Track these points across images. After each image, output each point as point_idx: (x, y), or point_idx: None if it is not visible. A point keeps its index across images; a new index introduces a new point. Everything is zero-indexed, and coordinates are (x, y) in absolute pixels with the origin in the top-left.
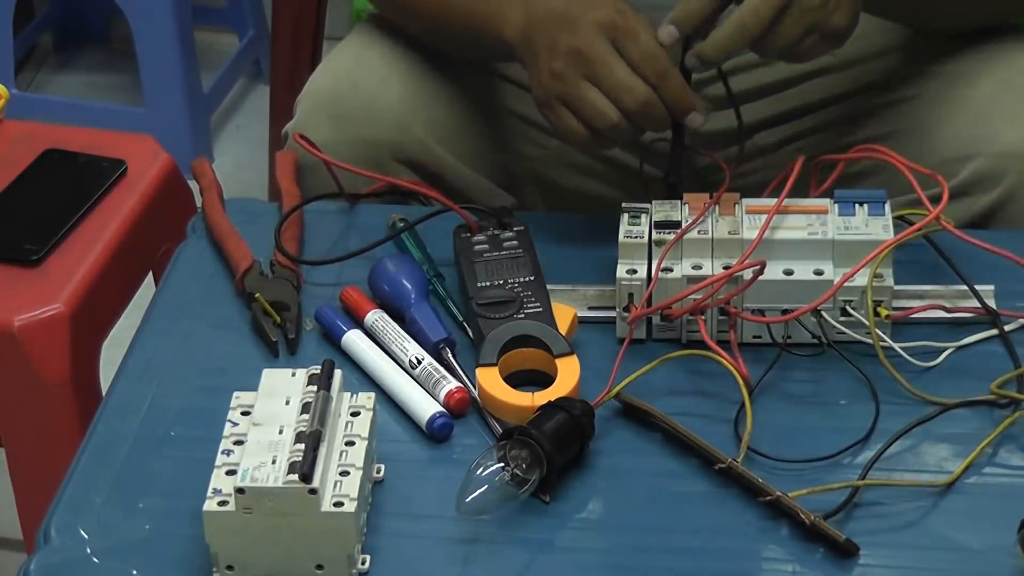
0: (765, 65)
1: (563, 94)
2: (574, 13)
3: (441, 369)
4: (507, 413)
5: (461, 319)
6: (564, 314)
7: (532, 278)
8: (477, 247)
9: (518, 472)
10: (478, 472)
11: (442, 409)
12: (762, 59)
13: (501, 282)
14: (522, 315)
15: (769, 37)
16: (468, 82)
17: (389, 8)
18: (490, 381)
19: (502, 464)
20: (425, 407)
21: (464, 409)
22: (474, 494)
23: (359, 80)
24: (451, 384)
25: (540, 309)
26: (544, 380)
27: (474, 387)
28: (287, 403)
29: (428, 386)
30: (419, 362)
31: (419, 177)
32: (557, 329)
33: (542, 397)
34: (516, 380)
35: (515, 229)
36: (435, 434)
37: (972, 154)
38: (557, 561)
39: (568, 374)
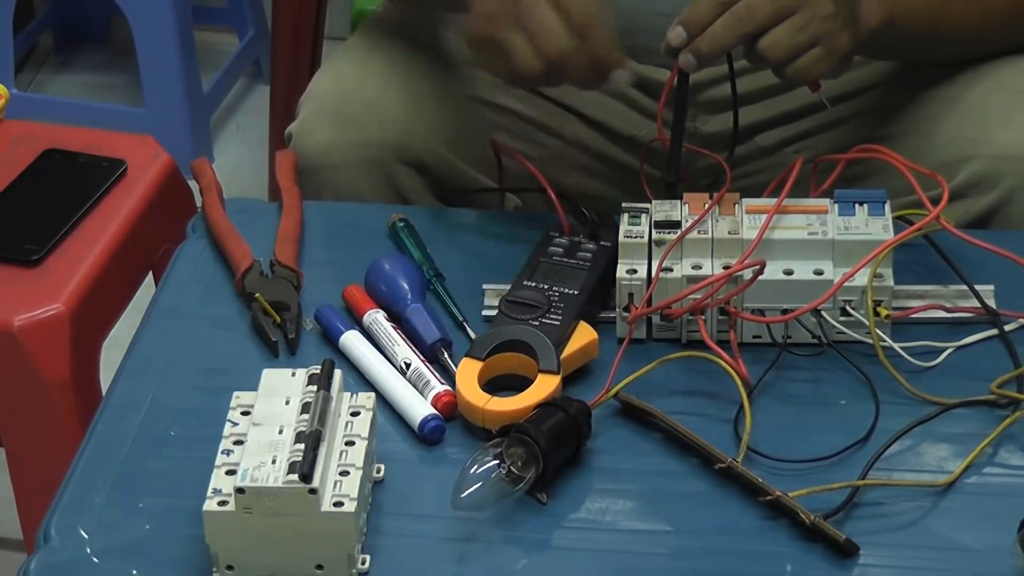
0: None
1: (491, 36)
2: None
3: (428, 373)
4: (462, 406)
5: (461, 319)
6: (584, 335)
7: (575, 292)
8: (552, 248)
9: (514, 469)
10: (474, 469)
11: (435, 412)
12: (756, 69)
13: (545, 287)
14: (536, 322)
15: (768, 41)
16: (472, 82)
17: None
18: (464, 372)
19: (498, 461)
20: (418, 410)
21: (452, 412)
22: (469, 490)
23: (362, 81)
24: (439, 388)
25: (557, 323)
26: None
27: None
28: (287, 403)
29: (418, 389)
30: (408, 366)
31: (421, 178)
32: (562, 346)
33: (496, 403)
34: (507, 382)
35: (601, 243)
36: (427, 437)
37: (969, 156)
38: (556, 561)
39: (538, 390)
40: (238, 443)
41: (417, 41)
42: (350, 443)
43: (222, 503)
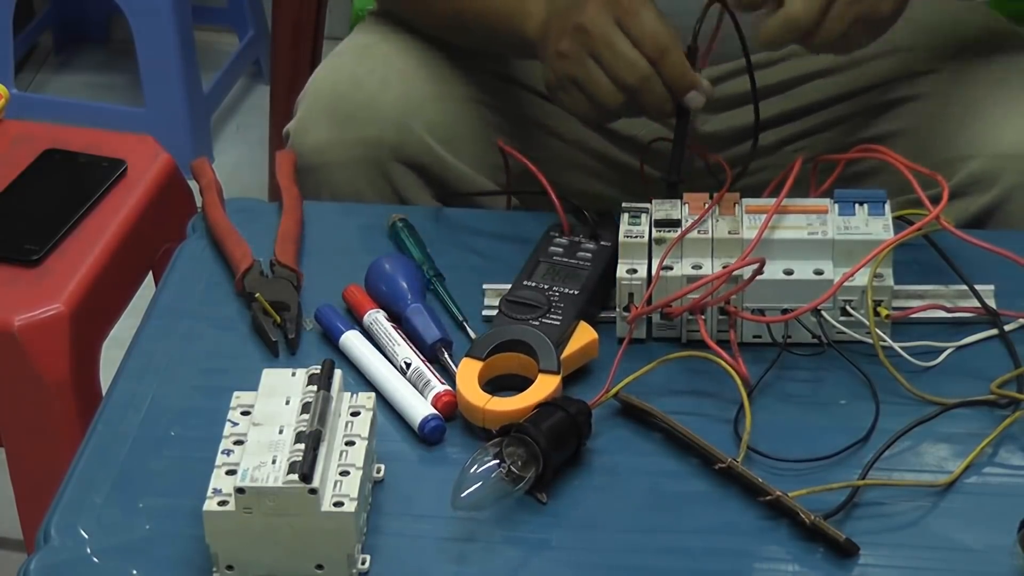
0: (766, 67)
1: (570, 73)
2: None
3: (428, 373)
4: (462, 406)
5: (461, 319)
6: (584, 335)
7: (575, 292)
8: (552, 248)
9: (514, 469)
10: (474, 469)
11: (435, 412)
12: (808, 52)
13: (546, 287)
14: (536, 322)
15: (820, 38)
16: (470, 81)
17: (403, 6)
18: (465, 372)
19: (498, 461)
20: (418, 409)
21: (452, 412)
22: (469, 490)
23: (360, 80)
24: (439, 388)
25: (557, 323)
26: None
27: None
28: (287, 403)
29: (418, 389)
30: (408, 366)
31: (419, 177)
32: (562, 346)
33: (496, 403)
34: (507, 382)
35: (601, 243)
36: (427, 437)
37: (969, 155)
38: (556, 560)
39: (538, 390)
40: (238, 443)
41: (414, 40)
42: (350, 443)
43: (222, 503)
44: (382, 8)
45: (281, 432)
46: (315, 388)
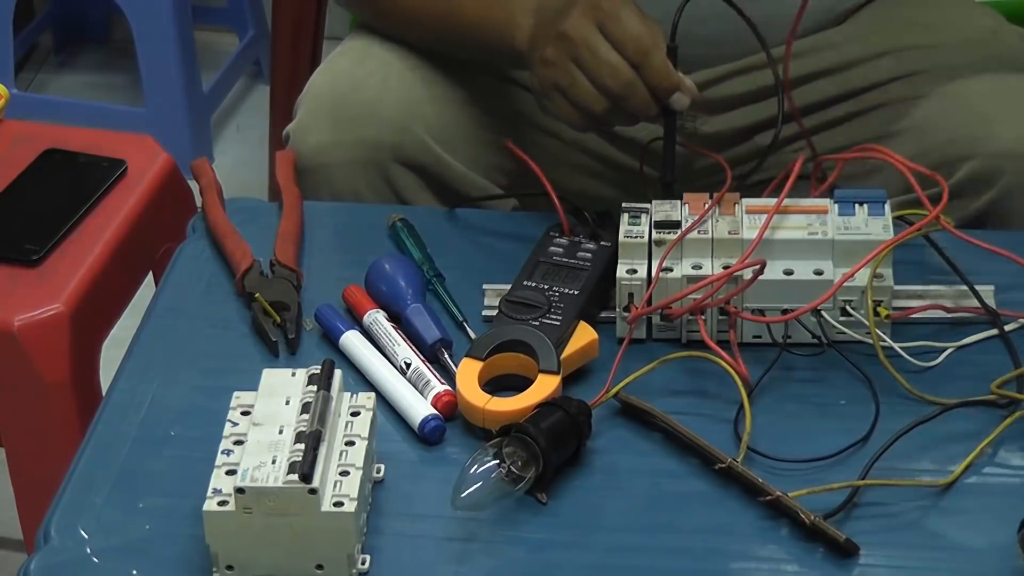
0: (765, 68)
1: (554, 80)
2: (568, 2)
3: (428, 373)
4: (463, 406)
5: (461, 319)
6: (584, 335)
7: (575, 292)
8: (552, 248)
9: (514, 469)
10: (474, 469)
11: (435, 412)
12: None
13: (546, 287)
14: (536, 323)
15: None
16: (468, 83)
17: (390, 23)
18: (465, 372)
19: (498, 461)
20: (419, 410)
21: (452, 412)
22: (469, 490)
23: (360, 81)
24: (439, 388)
25: (557, 323)
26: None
27: None
28: (287, 403)
29: (418, 389)
30: (408, 366)
31: (419, 178)
32: (562, 346)
33: (496, 403)
34: (507, 382)
35: (601, 243)
36: (427, 437)
37: (969, 154)
38: (557, 560)
39: (538, 390)
40: (238, 443)
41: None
42: (350, 443)
43: (222, 503)
44: (365, 24)
45: (281, 432)
46: (315, 388)
